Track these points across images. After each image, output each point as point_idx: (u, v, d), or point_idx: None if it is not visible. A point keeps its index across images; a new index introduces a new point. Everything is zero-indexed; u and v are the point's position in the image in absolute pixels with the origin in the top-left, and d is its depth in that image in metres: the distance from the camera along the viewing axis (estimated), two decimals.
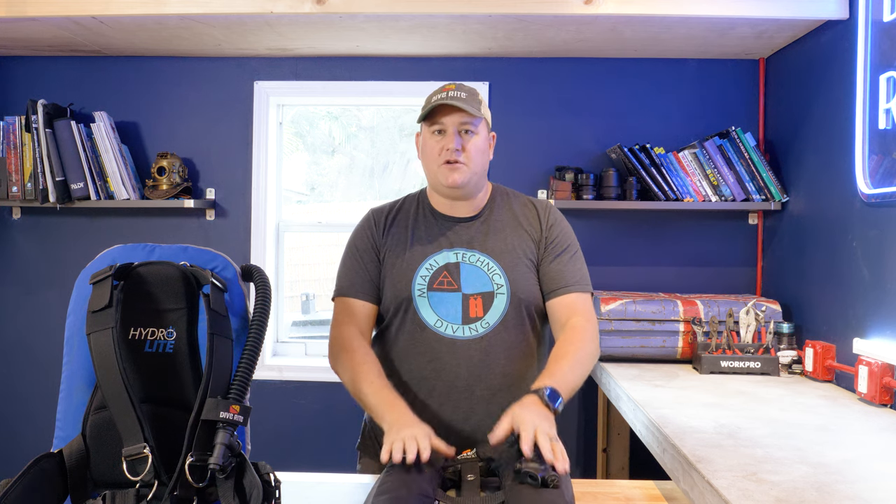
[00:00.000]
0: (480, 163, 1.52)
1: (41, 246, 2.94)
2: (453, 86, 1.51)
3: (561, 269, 1.53)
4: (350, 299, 1.54)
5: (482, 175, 1.55)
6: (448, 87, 1.50)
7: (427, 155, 1.53)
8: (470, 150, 1.49)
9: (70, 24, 2.42)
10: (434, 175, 1.52)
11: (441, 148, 1.49)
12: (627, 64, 2.81)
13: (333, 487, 1.36)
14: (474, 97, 1.51)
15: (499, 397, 1.48)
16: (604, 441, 2.66)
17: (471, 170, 1.49)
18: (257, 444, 1.23)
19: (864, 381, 1.82)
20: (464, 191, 1.53)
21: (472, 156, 1.49)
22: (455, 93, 1.49)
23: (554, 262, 1.53)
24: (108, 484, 1.00)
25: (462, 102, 1.46)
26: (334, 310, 1.56)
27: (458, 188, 1.51)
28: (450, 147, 1.47)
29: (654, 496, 1.35)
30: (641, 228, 2.82)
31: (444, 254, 1.52)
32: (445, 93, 1.49)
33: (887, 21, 1.88)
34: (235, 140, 2.90)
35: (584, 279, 1.55)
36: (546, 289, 1.53)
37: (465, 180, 1.49)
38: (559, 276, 1.52)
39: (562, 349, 1.43)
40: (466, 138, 1.49)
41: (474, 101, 1.50)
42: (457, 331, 1.47)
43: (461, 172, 1.48)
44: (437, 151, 1.50)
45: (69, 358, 1.08)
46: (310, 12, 2.25)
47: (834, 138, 2.18)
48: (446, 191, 1.53)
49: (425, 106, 1.51)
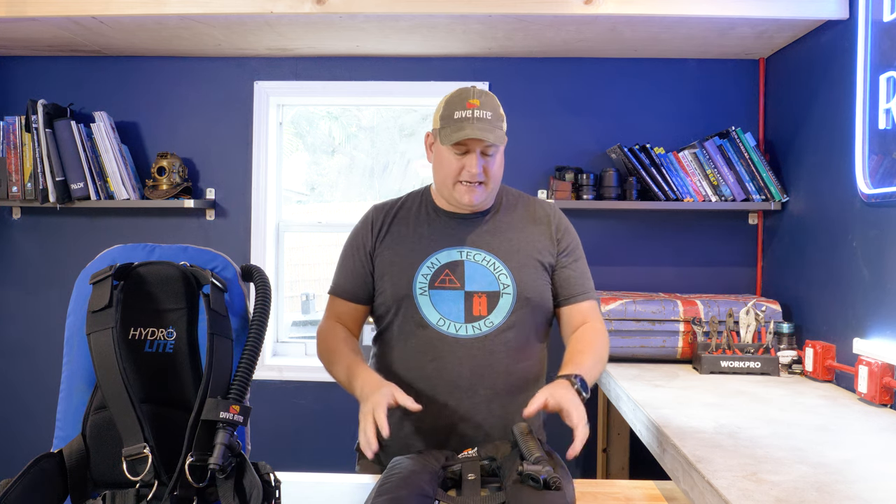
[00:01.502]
0: (498, 179, 1.52)
1: (41, 246, 2.94)
2: (477, 102, 1.43)
3: (574, 276, 1.55)
4: (337, 298, 1.58)
5: (497, 187, 1.55)
6: (472, 104, 1.42)
7: (444, 169, 1.49)
8: (490, 171, 1.48)
9: (70, 24, 2.42)
10: (449, 190, 1.50)
11: (461, 167, 1.46)
12: (627, 64, 2.81)
13: (333, 487, 1.36)
14: (498, 114, 1.45)
15: (501, 397, 1.48)
16: (604, 441, 2.66)
17: (489, 188, 1.49)
18: (257, 444, 1.23)
19: (864, 381, 1.82)
20: (479, 207, 1.53)
21: (491, 175, 1.48)
22: (480, 112, 1.42)
23: (567, 269, 1.55)
24: (108, 484, 1.00)
25: (488, 132, 1.41)
26: (326, 304, 1.61)
27: (474, 207, 1.51)
28: (473, 171, 1.45)
29: (654, 496, 1.35)
30: (641, 228, 2.82)
31: (447, 252, 1.51)
32: (471, 111, 1.42)
33: (887, 21, 1.88)
34: (235, 140, 2.90)
35: (592, 286, 1.59)
36: (560, 296, 1.55)
37: (481, 200, 1.50)
38: (573, 283, 1.55)
39: (583, 342, 1.48)
40: (488, 160, 1.47)
41: (498, 121, 1.45)
42: (459, 329, 1.47)
43: (478, 194, 1.48)
44: (455, 170, 1.46)
45: (69, 358, 1.08)
46: (310, 12, 2.25)
47: (834, 138, 2.18)
48: (461, 208, 1.53)
49: (449, 123, 1.44)
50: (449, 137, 1.43)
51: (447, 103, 1.47)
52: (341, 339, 1.53)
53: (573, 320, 1.55)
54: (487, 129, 1.42)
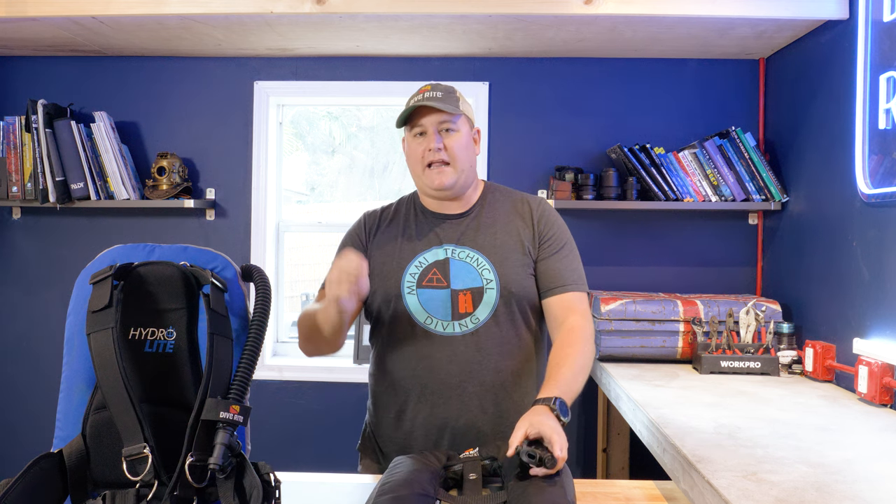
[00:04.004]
0: (465, 160, 1.52)
1: (41, 246, 2.94)
2: (429, 86, 1.52)
3: (557, 268, 1.52)
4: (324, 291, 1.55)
5: (470, 172, 1.55)
6: (424, 89, 1.52)
7: (411, 158, 1.55)
8: (452, 148, 1.50)
9: (70, 24, 2.42)
10: (420, 179, 1.54)
11: (423, 150, 1.50)
12: (627, 64, 2.81)
13: (333, 487, 1.36)
14: (451, 95, 1.52)
15: (492, 393, 1.48)
16: (604, 441, 2.66)
17: (456, 169, 1.50)
18: (257, 444, 1.23)
19: (864, 381, 1.82)
20: (452, 191, 1.53)
21: (455, 153, 1.50)
22: (431, 93, 1.50)
23: (550, 259, 1.52)
24: (108, 484, 1.00)
25: (438, 102, 1.47)
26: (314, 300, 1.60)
27: (445, 190, 1.52)
28: (431, 147, 1.49)
29: (654, 496, 1.35)
30: (641, 228, 2.82)
31: (433, 251, 1.52)
32: (422, 94, 1.51)
33: (887, 21, 1.88)
34: (235, 140, 2.90)
35: (580, 278, 1.54)
36: (542, 287, 1.53)
37: (451, 182, 1.51)
38: (556, 274, 1.51)
39: (562, 354, 1.42)
40: (448, 137, 1.50)
41: (451, 99, 1.50)
42: (447, 327, 1.48)
43: (446, 174, 1.50)
44: (419, 154, 1.51)
45: (69, 358, 1.08)
46: (310, 12, 2.25)
47: (834, 138, 2.18)
48: (434, 193, 1.54)
49: (403, 110, 1.52)
50: (402, 117, 1.51)
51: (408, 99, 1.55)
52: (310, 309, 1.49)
53: (556, 313, 1.50)
54: (436, 101, 1.47)
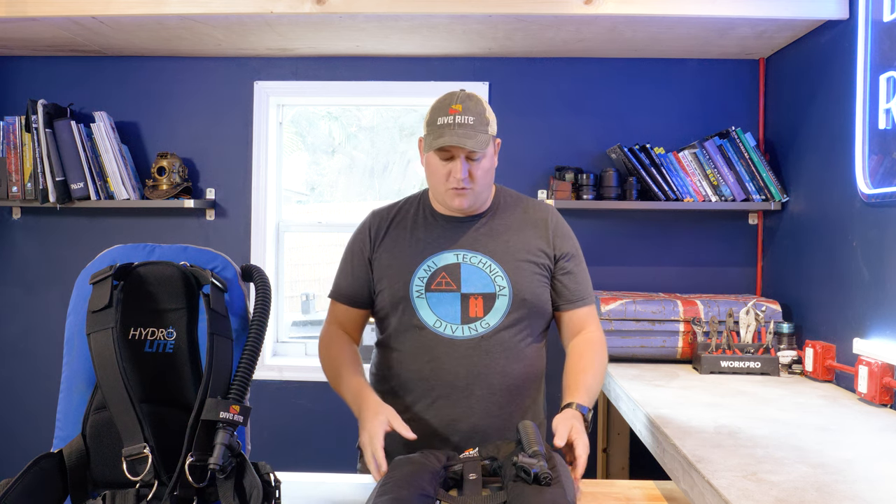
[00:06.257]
0: (487, 182, 1.52)
1: (41, 246, 2.94)
2: (460, 107, 1.43)
3: (574, 282, 1.57)
4: (337, 303, 1.61)
5: (489, 189, 1.55)
6: (454, 109, 1.43)
7: (434, 176, 1.51)
8: (477, 176, 1.48)
9: (70, 24, 2.42)
10: (440, 196, 1.52)
11: (448, 173, 1.47)
12: (627, 64, 2.81)
13: (333, 487, 1.36)
14: (482, 119, 1.45)
15: (498, 397, 1.49)
16: (604, 441, 2.66)
17: (476, 191, 1.50)
18: (257, 444, 1.23)
19: (864, 381, 1.82)
20: (470, 210, 1.54)
21: (478, 180, 1.48)
22: (462, 118, 1.42)
23: (567, 274, 1.56)
24: (108, 484, 1.00)
25: (470, 137, 1.41)
26: (328, 308, 1.64)
27: (464, 211, 1.53)
28: (457, 177, 1.45)
29: (654, 496, 1.35)
30: (641, 228, 2.82)
31: (444, 255, 1.52)
32: (452, 117, 1.42)
33: (887, 21, 1.88)
34: (235, 140, 2.90)
35: (590, 288, 1.61)
36: (559, 301, 1.57)
37: (470, 204, 1.51)
38: (573, 289, 1.56)
39: (585, 360, 1.50)
40: (474, 165, 1.47)
41: (481, 124, 1.45)
42: (456, 331, 1.48)
43: (467, 198, 1.49)
44: (443, 174, 1.48)
45: (69, 358, 1.08)
46: (310, 12, 2.25)
47: (834, 138, 2.18)
48: (452, 211, 1.55)
49: (432, 129, 1.45)
50: (431, 144, 1.45)
51: (433, 109, 1.48)
52: (343, 349, 1.55)
53: (573, 326, 1.58)
54: (468, 134, 1.42)
